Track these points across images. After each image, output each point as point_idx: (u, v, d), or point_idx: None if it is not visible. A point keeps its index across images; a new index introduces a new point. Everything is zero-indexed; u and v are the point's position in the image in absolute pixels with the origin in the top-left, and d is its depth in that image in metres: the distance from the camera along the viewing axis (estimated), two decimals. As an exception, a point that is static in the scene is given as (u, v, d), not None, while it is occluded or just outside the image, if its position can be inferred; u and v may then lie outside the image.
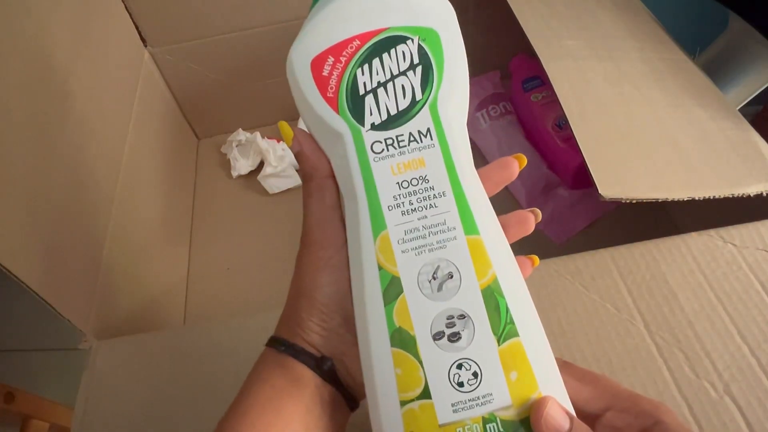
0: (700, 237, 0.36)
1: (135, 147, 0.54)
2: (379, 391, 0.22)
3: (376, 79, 0.24)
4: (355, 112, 0.24)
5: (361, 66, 0.24)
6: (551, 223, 0.61)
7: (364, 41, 0.24)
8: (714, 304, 0.34)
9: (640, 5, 0.52)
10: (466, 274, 0.22)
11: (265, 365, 0.24)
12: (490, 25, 0.67)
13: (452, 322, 0.22)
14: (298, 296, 0.25)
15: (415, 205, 0.23)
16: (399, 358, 0.21)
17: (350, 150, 0.23)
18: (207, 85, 0.67)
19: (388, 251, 0.22)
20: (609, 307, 0.34)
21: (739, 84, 0.68)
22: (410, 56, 0.24)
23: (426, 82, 0.24)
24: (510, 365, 0.21)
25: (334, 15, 0.24)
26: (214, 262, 0.63)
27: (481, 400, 0.21)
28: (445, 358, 0.21)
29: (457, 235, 0.22)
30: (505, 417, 0.21)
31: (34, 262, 0.35)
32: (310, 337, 0.24)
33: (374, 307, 0.22)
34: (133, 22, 0.59)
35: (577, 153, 0.35)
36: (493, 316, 0.22)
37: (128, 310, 0.47)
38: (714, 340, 0.33)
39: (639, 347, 0.33)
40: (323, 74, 0.24)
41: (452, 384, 0.21)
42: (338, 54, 0.24)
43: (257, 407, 0.23)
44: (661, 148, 0.37)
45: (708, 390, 0.31)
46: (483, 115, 0.66)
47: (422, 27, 0.24)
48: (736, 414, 0.30)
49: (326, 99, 0.24)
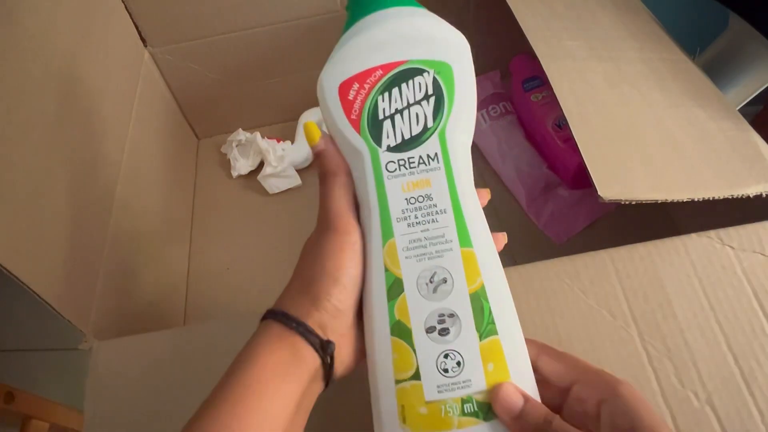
0: (700, 239, 0.36)
1: (135, 147, 0.54)
2: (378, 371, 0.26)
3: (394, 106, 0.27)
4: (374, 134, 0.27)
5: (382, 93, 0.27)
6: (551, 223, 0.61)
7: (387, 71, 0.27)
8: (706, 311, 0.34)
9: (640, 5, 0.52)
10: (458, 280, 0.26)
11: (270, 338, 0.25)
12: (490, 25, 0.67)
13: (443, 319, 0.26)
14: (318, 277, 0.26)
15: (420, 219, 0.26)
16: (396, 346, 0.26)
17: (368, 167, 0.27)
18: (207, 85, 0.67)
19: (393, 256, 0.26)
20: (605, 313, 0.34)
21: (739, 84, 0.68)
22: (425, 87, 0.27)
23: (438, 111, 0.27)
24: (488, 358, 0.25)
25: (362, 44, 0.27)
26: (214, 262, 0.63)
27: (461, 384, 0.25)
28: (435, 348, 0.25)
29: (453, 246, 0.26)
30: (480, 399, 0.25)
31: (34, 262, 0.35)
32: (322, 317, 0.25)
33: (379, 302, 0.26)
34: (133, 22, 0.59)
35: (577, 153, 0.35)
36: (477, 316, 0.25)
37: (128, 310, 0.47)
38: (702, 349, 0.33)
39: (631, 356, 0.33)
40: (349, 98, 0.27)
41: (439, 370, 0.25)
42: (363, 81, 0.27)
43: (262, 381, 0.24)
44: (660, 149, 0.37)
45: (691, 399, 0.31)
46: (483, 115, 0.66)
47: (438, 61, 0.27)
48: (715, 424, 0.30)
49: (350, 120, 0.27)
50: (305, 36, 0.63)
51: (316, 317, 0.25)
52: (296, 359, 0.25)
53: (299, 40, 0.63)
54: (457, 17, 0.66)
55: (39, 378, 1.05)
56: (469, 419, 0.24)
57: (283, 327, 0.25)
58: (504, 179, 0.64)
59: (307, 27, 0.62)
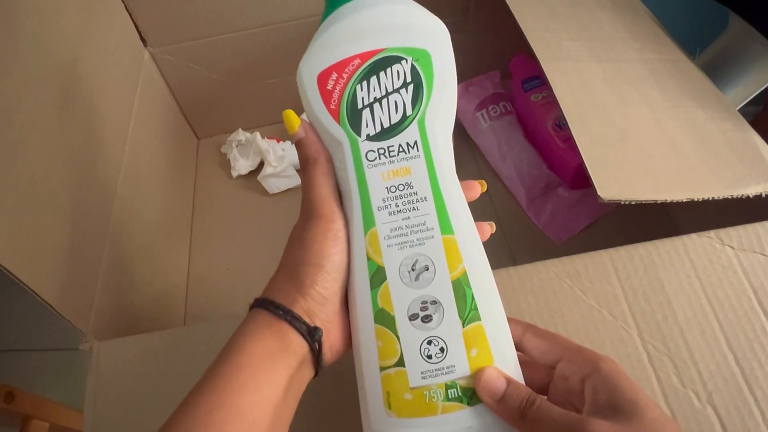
0: (700, 239, 0.36)
1: (135, 147, 0.54)
2: (363, 358, 0.26)
3: (372, 95, 0.27)
4: (353, 123, 0.27)
5: (360, 82, 0.27)
6: (551, 223, 0.61)
7: (364, 60, 0.27)
8: (706, 311, 0.34)
9: (640, 5, 0.52)
10: (440, 268, 0.26)
11: (258, 326, 0.25)
12: (490, 25, 0.67)
13: (426, 306, 0.26)
14: (303, 264, 0.26)
15: (401, 207, 0.27)
16: (380, 333, 0.26)
17: (348, 156, 0.27)
18: (207, 85, 0.67)
19: (375, 245, 0.26)
20: (605, 313, 0.34)
21: (739, 84, 0.68)
22: (404, 75, 0.27)
23: (416, 99, 0.27)
24: (471, 343, 0.25)
25: (340, 34, 0.27)
26: (214, 262, 0.63)
27: (445, 370, 0.25)
28: (418, 335, 0.25)
29: (434, 234, 0.26)
30: (464, 384, 0.25)
31: (34, 262, 0.35)
32: (308, 304, 0.26)
33: (362, 291, 0.26)
34: (133, 22, 0.59)
35: (576, 153, 0.35)
36: (460, 303, 0.26)
37: (128, 310, 0.47)
38: (702, 349, 0.33)
39: (631, 356, 0.33)
40: (327, 88, 0.27)
41: (423, 356, 0.25)
42: (341, 70, 0.27)
43: (251, 367, 0.24)
44: (660, 149, 0.37)
45: (692, 399, 0.31)
46: (483, 115, 0.66)
47: (416, 48, 0.27)
48: (716, 424, 0.31)
49: (329, 110, 0.27)
50: (305, 36, 0.63)
51: (302, 304, 0.26)
52: (284, 346, 0.25)
53: (299, 41, 0.63)
54: (457, 17, 0.66)
55: (39, 378, 1.04)
56: (453, 404, 0.25)
57: (271, 315, 0.25)
58: (504, 179, 0.64)
59: (307, 27, 0.62)
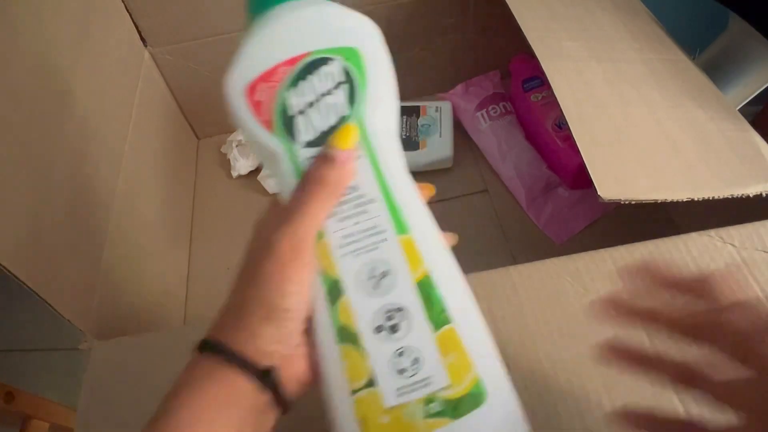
0: (700, 237, 0.36)
1: (135, 147, 0.54)
2: (331, 384, 0.24)
3: (305, 100, 0.25)
4: (288, 131, 0.25)
5: (290, 89, 0.25)
6: (551, 223, 0.61)
7: (291, 65, 0.26)
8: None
9: (640, 5, 0.52)
10: (401, 271, 0.24)
11: (202, 371, 0.23)
12: (490, 25, 0.67)
13: (391, 315, 0.24)
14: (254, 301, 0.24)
15: (350, 212, 0.25)
16: (346, 352, 0.24)
17: (286, 166, 0.25)
18: (207, 85, 0.67)
19: (326, 256, 0.24)
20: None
21: (739, 84, 0.68)
22: (334, 76, 0.26)
23: (352, 98, 0.26)
24: (446, 349, 0.23)
25: (262, 44, 0.26)
26: (214, 262, 0.63)
27: (422, 383, 0.23)
28: (387, 348, 0.23)
29: (388, 236, 0.24)
30: (445, 396, 0.23)
31: (34, 262, 0.35)
32: (261, 341, 0.23)
33: (320, 309, 0.24)
34: (133, 22, 0.59)
35: (577, 153, 0.35)
36: (427, 306, 0.24)
37: (128, 310, 0.47)
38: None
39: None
40: (257, 99, 0.26)
41: (395, 371, 0.23)
42: (268, 80, 0.26)
43: (191, 421, 0.22)
44: (660, 149, 0.37)
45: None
46: (483, 115, 0.66)
47: (344, 47, 0.26)
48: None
49: (262, 122, 0.26)
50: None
51: (256, 344, 0.23)
52: (233, 393, 0.22)
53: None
54: (457, 17, 0.66)
55: (39, 378, 1.05)
56: (436, 420, 0.22)
57: (216, 359, 0.23)
58: (504, 179, 0.64)
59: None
